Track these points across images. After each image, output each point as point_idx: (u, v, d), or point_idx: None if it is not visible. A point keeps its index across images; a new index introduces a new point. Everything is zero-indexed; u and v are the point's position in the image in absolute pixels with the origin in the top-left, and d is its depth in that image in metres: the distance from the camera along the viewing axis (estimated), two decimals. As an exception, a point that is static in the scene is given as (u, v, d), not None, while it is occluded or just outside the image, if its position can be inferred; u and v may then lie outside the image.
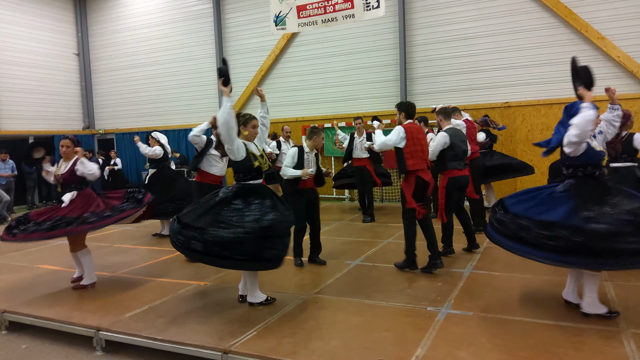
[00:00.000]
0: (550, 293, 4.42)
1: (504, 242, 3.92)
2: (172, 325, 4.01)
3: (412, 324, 3.82)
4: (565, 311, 3.95)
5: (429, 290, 4.63)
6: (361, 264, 5.70)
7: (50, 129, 14.40)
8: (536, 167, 10.33)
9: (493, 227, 4.08)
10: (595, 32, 9.60)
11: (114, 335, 3.97)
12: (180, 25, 13.96)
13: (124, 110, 15.15)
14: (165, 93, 14.38)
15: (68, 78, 15.09)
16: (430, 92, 11.11)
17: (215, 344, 3.59)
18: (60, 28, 14.81)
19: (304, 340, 3.60)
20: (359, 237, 7.28)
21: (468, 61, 10.71)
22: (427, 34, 11.06)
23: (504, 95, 10.34)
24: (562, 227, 3.49)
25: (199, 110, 13.65)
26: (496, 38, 10.43)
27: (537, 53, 10.14)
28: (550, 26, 10.03)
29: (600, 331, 3.53)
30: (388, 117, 11.36)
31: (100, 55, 15.38)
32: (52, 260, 6.54)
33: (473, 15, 10.60)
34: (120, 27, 14.90)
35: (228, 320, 4.05)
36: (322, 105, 12.24)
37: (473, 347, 3.37)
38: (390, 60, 11.45)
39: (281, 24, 9.40)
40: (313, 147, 5.60)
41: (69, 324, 4.23)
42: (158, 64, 14.35)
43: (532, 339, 3.45)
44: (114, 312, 4.38)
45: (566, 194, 3.79)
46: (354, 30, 11.59)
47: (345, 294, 4.61)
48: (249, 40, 13.00)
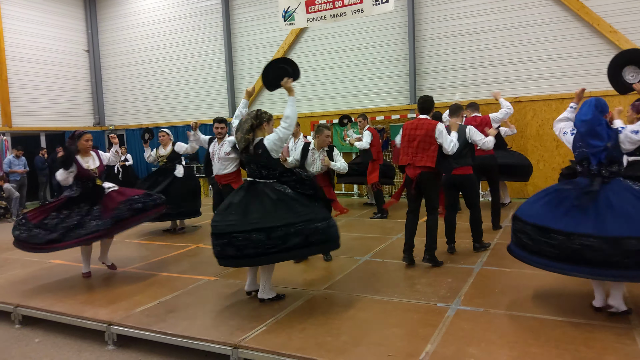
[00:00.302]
0: (561, 289, 4.39)
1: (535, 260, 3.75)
2: (182, 320, 4.04)
3: (421, 320, 3.81)
4: (577, 307, 3.91)
5: (439, 286, 4.61)
6: (370, 260, 5.70)
7: (62, 126, 14.52)
8: (547, 162, 10.26)
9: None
10: (607, 26, 9.48)
11: (126, 330, 4.01)
12: (189, 22, 13.99)
13: (134, 106, 15.23)
14: (175, 89, 14.43)
15: (78, 74, 15.20)
16: (439, 87, 11.04)
17: (225, 338, 3.61)
18: (70, 25, 14.90)
19: (314, 335, 3.61)
20: (368, 232, 7.27)
21: (478, 56, 10.62)
22: (436, 29, 10.99)
23: (514, 90, 10.24)
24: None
25: (208, 106, 13.70)
26: (506, 32, 10.33)
27: (547, 47, 10.03)
28: (561, 20, 9.91)
29: (612, 328, 3.50)
30: (397, 113, 11.33)
31: (110, 52, 15.47)
32: (63, 255, 6.59)
33: (483, 9, 10.50)
34: (130, 23, 14.96)
35: (238, 315, 4.08)
36: (331, 100, 12.21)
37: (483, 343, 3.35)
38: (399, 55, 11.39)
39: (290, 19, 9.39)
40: (319, 146, 5.54)
41: (81, 319, 4.28)
42: (167, 60, 14.40)
43: (544, 335, 3.43)
44: (125, 307, 4.42)
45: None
46: (362, 25, 11.53)
47: (355, 290, 4.61)
48: (258, 36, 12.99)
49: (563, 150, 9.93)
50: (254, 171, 4.28)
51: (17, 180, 11.70)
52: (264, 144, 4.24)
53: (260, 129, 4.33)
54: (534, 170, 10.25)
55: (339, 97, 12.09)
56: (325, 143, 5.54)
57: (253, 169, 4.29)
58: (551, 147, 10.07)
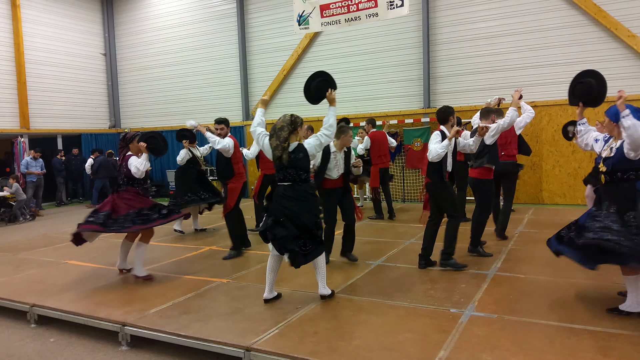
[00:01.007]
0: (577, 296, 4.33)
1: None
2: (195, 321, 4.06)
3: (435, 326, 3.78)
4: (593, 315, 3.85)
5: (452, 291, 4.57)
6: (383, 264, 5.67)
7: (78, 128, 14.74)
8: (562, 168, 10.15)
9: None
10: (625, 30, 9.35)
11: (139, 331, 4.04)
12: (205, 26, 14.12)
13: (149, 109, 15.40)
14: (190, 92, 14.56)
15: (95, 78, 15.42)
16: (454, 91, 10.99)
17: (237, 341, 3.62)
18: (87, 29, 15.14)
19: (326, 339, 3.60)
20: (380, 237, 7.24)
21: (493, 60, 10.55)
22: (451, 33, 10.94)
23: (530, 95, 10.12)
24: None
25: (223, 109, 13.78)
26: (522, 36, 10.25)
27: (564, 52, 9.93)
28: (578, 24, 9.80)
29: (630, 336, 3.44)
30: (411, 117, 11.29)
31: (126, 55, 15.67)
32: (79, 257, 6.68)
33: (498, 13, 10.43)
34: (146, 27, 15.15)
35: (250, 318, 4.09)
36: (345, 104, 12.19)
37: (497, 350, 3.32)
38: (413, 59, 11.36)
39: (304, 24, 9.42)
40: (341, 147, 5.56)
41: (95, 319, 4.33)
42: (182, 63, 14.54)
43: (559, 343, 3.38)
44: (139, 308, 4.46)
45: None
46: (376, 29, 11.54)
47: (367, 294, 4.60)
48: (272, 40, 13.06)
49: (579, 156, 9.79)
50: (292, 175, 4.27)
51: (33, 181, 11.88)
52: (306, 148, 4.29)
53: (295, 133, 4.36)
54: (550, 176, 10.15)
55: (353, 100, 12.08)
56: (348, 143, 5.60)
57: (291, 173, 4.27)
58: (567, 152, 9.95)
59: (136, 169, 5.37)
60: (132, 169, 5.37)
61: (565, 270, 5.01)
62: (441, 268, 5.32)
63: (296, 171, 4.26)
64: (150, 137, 5.67)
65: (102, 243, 7.24)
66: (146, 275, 5.45)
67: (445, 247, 5.28)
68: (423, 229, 5.55)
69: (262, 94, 13.12)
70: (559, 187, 10.06)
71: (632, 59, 9.44)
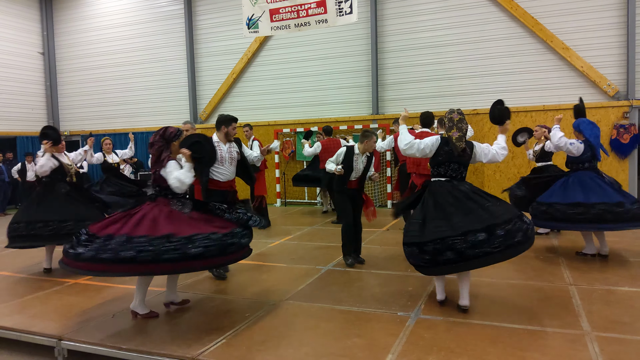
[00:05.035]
0: (516, 297, 4.51)
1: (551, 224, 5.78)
2: (138, 333, 3.90)
3: (383, 330, 3.82)
4: (532, 315, 4.02)
5: (400, 295, 4.64)
6: (333, 269, 5.69)
7: (12, 130, 13.92)
8: (503, 173, 10.63)
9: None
10: (560, 43, 9.91)
11: (77, 345, 3.82)
12: (150, 26, 13.73)
13: (91, 111, 14.77)
14: (134, 94, 14.09)
15: (32, 77, 14.63)
16: (401, 98, 11.24)
17: (183, 352, 3.50)
18: (24, 26, 14.35)
19: (274, 347, 3.55)
20: (331, 242, 7.26)
21: (438, 68, 10.88)
22: (398, 41, 11.20)
23: (472, 103, 10.54)
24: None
25: (168, 112, 13.45)
26: (465, 46, 10.64)
27: (504, 62, 10.40)
28: (517, 36, 10.30)
29: (566, 335, 3.61)
30: (360, 123, 11.43)
31: (66, 55, 14.97)
32: (10, 267, 6.29)
33: (443, 23, 10.79)
34: (88, 26, 14.54)
35: (196, 328, 3.97)
36: (295, 109, 12.22)
37: (443, 352, 3.39)
38: (362, 66, 11.53)
39: (254, 27, 9.35)
40: (364, 151, 5.69)
41: (29, 334, 4.06)
42: (127, 64, 14.06)
43: (501, 343, 3.50)
44: (77, 321, 4.23)
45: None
46: (327, 35, 11.63)
47: (317, 300, 4.59)
48: (221, 43, 12.88)
49: (518, 162, 10.27)
50: (454, 171, 4.25)
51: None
52: (475, 146, 4.36)
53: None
54: (491, 180, 10.57)
55: (303, 106, 12.11)
56: (371, 148, 5.73)
57: (454, 168, 4.25)
58: (507, 158, 10.38)
59: (178, 181, 3.98)
60: (173, 181, 3.98)
61: (504, 272, 5.22)
62: (386, 272, 5.39)
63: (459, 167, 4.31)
64: (195, 143, 4.31)
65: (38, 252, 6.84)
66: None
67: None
68: (373, 233, 5.66)
69: (211, 99, 12.90)
70: (499, 191, 10.48)
71: (566, 70, 10.01)
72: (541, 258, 5.89)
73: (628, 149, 9.68)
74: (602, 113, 9.79)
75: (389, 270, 5.55)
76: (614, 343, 3.45)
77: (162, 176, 4.03)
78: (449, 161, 4.24)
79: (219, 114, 5.42)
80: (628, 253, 6.00)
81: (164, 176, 4.03)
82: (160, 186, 4.08)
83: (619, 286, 4.71)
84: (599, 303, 4.27)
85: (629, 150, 9.69)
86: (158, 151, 4.09)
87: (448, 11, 10.74)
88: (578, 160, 5.77)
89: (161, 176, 4.04)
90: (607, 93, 9.76)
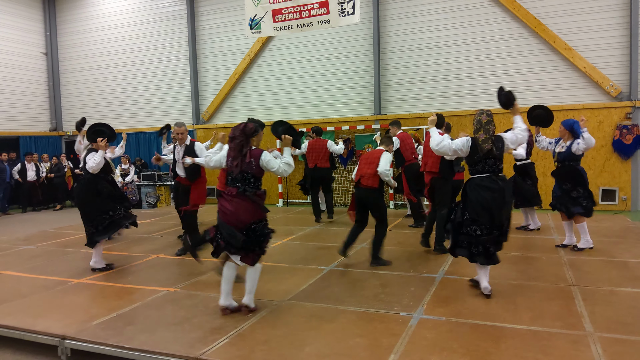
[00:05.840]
0: (519, 297, 4.50)
1: None
2: (141, 333, 3.91)
3: (385, 330, 3.82)
4: (535, 315, 4.01)
5: (402, 295, 4.64)
6: (335, 270, 5.69)
7: (15, 130, 13.96)
8: (506, 173, 10.57)
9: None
10: (562, 43, 9.90)
11: (80, 344, 3.84)
12: (153, 27, 13.76)
13: (94, 111, 14.74)
14: (137, 95, 14.13)
15: (35, 78, 14.68)
16: (403, 99, 11.24)
17: (185, 352, 3.51)
18: (27, 26, 14.40)
19: (277, 347, 3.56)
20: (333, 242, 7.26)
21: (441, 69, 10.88)
22: (401, 42, 11.20)
23: (476, 103, 10.52)
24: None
25: (171, 112, 13.46)
26: (468, 47, 10.63)
27: (506, 62, 10.39)
28: (520, 36, 10.29)
29: (568, 335, 3.60)
30: (362, 123, 11.44)
31: (69, 55, 15.01)
32: (15, 267, 6.31)
33: (446, 24, 10.79)
34: (91, 26, 14.58)
35: (199, 328, 3.98)
36: (297, 109, 12.22)
37: (445, 352, 3.39)
38: (364, 66, 11.54)
39: (256, 28, 9.36)
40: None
41: (32, 333, 4.08)
42: (129, 65, 14.09)
43: (504, 343, 3.50)
44: (80, 320, 4.24)
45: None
46: (329, 35, 11.64)
47: (319, 300, 4.59)
48: (224, 43, 12.90)
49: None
50: (490, 166, 4.51)
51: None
52: (503, 140, 4.55)
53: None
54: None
55: (306, 106, 12.12)
56: (391, 151, 6.05)
57: (489, 164, 4.51)
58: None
59: (288, 166, 4.38)
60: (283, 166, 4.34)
61: (506, 273, 5.21)
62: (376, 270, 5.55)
63: (495, 161, 4.59)
64: (290, 129, 4.84)
65: (41, 251, 6.88)
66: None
67: (438, 235, 6.14)
68: (372, 234, 5.70)
69: (213, 99, 12.93)
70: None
71: (568, 71, 10.00)
72: (544, 259, 5.88)
73: (631, 150, 9.66)
74: (604, 114, 9.78)
75: (391, 270, 5.55)
76: (616, 344, 3.45)
77: (259, 167, 4.24)
78: (485, 158, 4.49)
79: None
80: (630, 254, 5.99)
81: (265, 166, 4.27)
82: (255, 177, 4.26)
83: (622, 287, 4.71)
84: (602, 304, 4.27)
85: (631, 151, 9.67)
86: (239, 145, 4.28)
87: (450, 12, 10.74)
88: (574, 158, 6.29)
89: (257, 166, 4.23)
90: (610, 94, 9.74)
